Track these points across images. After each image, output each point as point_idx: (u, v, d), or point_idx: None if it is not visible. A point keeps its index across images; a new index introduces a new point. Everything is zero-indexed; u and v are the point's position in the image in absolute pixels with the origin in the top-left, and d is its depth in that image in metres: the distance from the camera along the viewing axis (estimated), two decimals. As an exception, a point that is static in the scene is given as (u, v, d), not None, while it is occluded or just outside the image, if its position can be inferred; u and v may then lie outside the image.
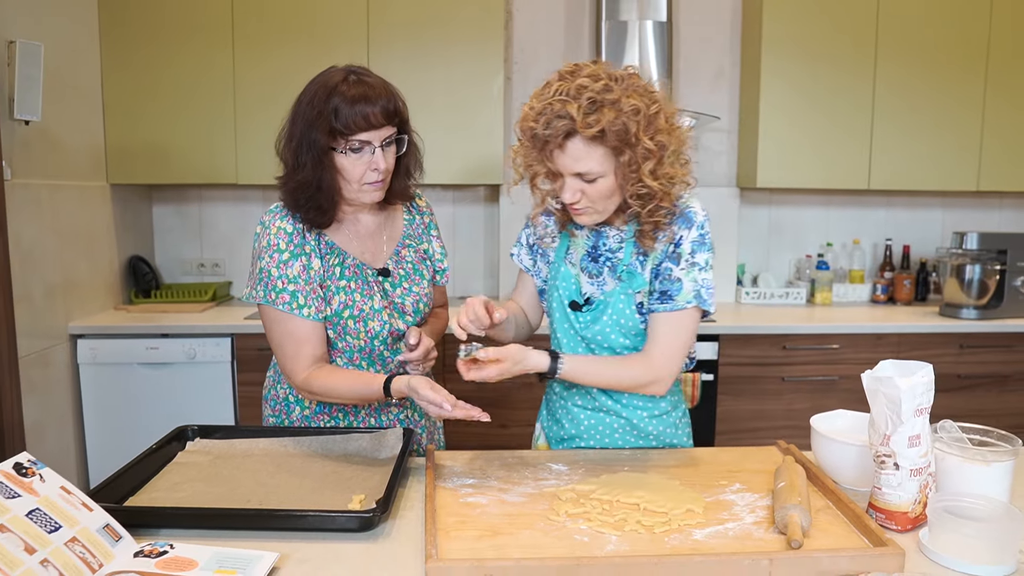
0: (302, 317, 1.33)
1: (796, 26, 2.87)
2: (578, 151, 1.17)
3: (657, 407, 1.38)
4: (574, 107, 1.13)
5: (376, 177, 1.31)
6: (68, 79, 2.58)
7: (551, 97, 1.15)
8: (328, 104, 1.26)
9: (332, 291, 1.36)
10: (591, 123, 1.13)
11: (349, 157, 1.29)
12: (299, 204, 1.32)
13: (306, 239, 1.35)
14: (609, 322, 1.31)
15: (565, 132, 1.15)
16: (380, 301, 1.39)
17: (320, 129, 1.27)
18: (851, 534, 1.03)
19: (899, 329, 2.76)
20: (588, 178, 1.20)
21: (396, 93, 1.32)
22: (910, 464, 1.04)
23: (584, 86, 1.14)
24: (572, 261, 1.36)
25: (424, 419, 1.49)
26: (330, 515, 1.04)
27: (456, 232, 3.21)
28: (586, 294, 1.34)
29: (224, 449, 1.33)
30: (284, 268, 1.33)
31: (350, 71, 1.31)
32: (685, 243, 1.27)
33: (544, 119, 1.15)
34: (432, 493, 1.11)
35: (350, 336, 1.38)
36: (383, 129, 1.29)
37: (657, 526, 1.03)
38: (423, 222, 1.50)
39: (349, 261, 1.39)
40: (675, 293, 1.26)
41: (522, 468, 1.25)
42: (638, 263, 1.30)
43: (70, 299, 2.60)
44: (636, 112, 1.15)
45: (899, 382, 1.03)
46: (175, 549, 0.93)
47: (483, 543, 0.99)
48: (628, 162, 1.18)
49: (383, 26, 2.78)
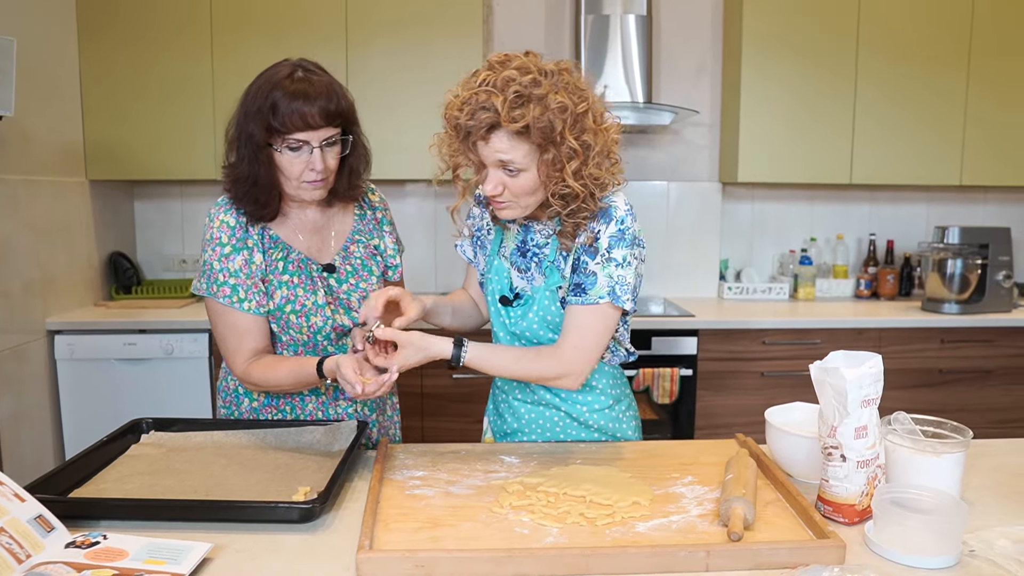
0: (243, 311, 1.33)
1: (777, 20, 2.85)
2: (502, 144, 1.14)
3: (598, 400, 1.37)
4: (499, 99, 1.10)
5: (314, 177, 1.29)
6: (45, 74, 2.57)
7: (477, 87, 1.13)
8: (268, 100, 1.24)
9: (274, 285, 1.35)
10: (516, 117, 1.11)
11: (286, 155, 1.28)
12: (239, 197, 1.32)
13: (249, 233, 1.35)
14: (535, 318, 1.30)
15: (489, 124, 1.12)
16: (324, 297, 1.37)
17: (258, 124, 1.25)
18: (797, 527, 1.02)
19: (880, 324, 2.75)
20: (510, 170, 1.17)
21: (340, 93, 1.29)
22: (857, 456, 1.03)
23: (511, 79, 1.11)
24: (504, 255, 1.35)
25: (375, 413, 1.48)
26: (269, 506, 1.03)
27: (438, 229, 3.20)
28: (516, 288, 1.33)
29: (178, 442, 1.33)
30: (225, 262, 1.33)
31: (299, 66, 1.29)
32: (603, 238, 1.23)
33: (468, 109, 1.12)
34: (377, 485, 1.10)
35: (293, 330, 1.37)
36: (322, 130, 1.26)
37: (600, 519, 1.02)
38: (375, 217, 1.48)
39: (293, 256, 1.37)
40: (588, 287, 1.23)
41: (474, 461, 1.24)
42: (561, 259, 1.28)
43: (48, 295, 2.59)
44: (563, 109, 1.12)
45: (845, 372, 1.02)
46: (108, 540, 0.93)
47: (421, 535, 0.98)
48: (552, 160, 1.15)
49: (362, 23, 2.77)
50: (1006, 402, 2.83)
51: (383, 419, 1.51)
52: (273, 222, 1.37)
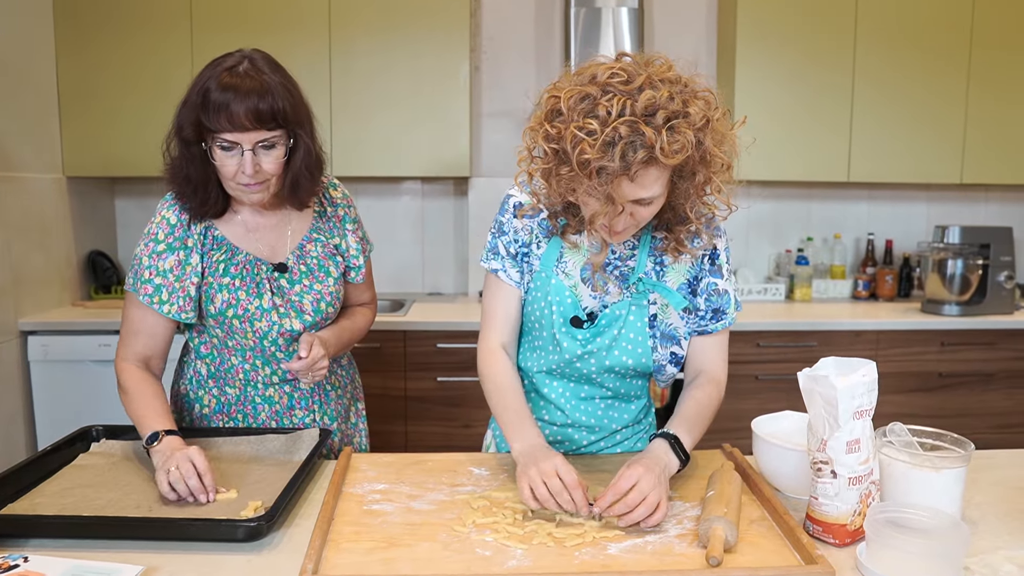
0: (162, 313, 1.25)
1: (772, 13, 2.77)
2: (650, 179, 0.99)
3: (633, 417, 1.29)
4: (651, 132, 0.94)
5: (247, 180, 1.20)
6: (20, 69, 2.49)
7: (615, 120, 0.94)
8: (200, 93, 1.15)
9: (215, 288, 1.27)
10: (676, 150, 0.95)
11: (218, 154, 1.18)
12: (182, 193, 1.24)
13: (189, 232, 1.27)
14: (618, 337, 1.16)
15: (643, 162, 0.96)
16: (270, 300, 1.28)
17: (189, 119, 1.17)
18: (783, 549, 0.94)
19: (878, 326, 2.67)
20: (646, 202, 1.03)
21: (278, 93, 1.17)
22: (848, 472, 0.95)
23: (656, 103, 0.95)
24: (566, 271, 1.18)
25: (335, 423, 1.40)
26: (213, 523, 0.95)
27: (425, 226, 3.12)
28: (587, 308, 1.19)
29: (128, 451, 1.25)
30: (156, 259, 1.25)
31: (246, 58, 1.19)
32: (721, 253, 1.19)
33: (617, 150, 0.94)
34: (331, 500, 1.03)
35: (238, 335, 1.29)
36: (253, 132, 1.16)
37: (569, 539, 0.94)
38: (336, 215, 1.38)
39: (239, 257, 1.29)
40: (727, 307, 1.21)
41: (440, 473, 1.17)
42: (654, 273, 1.19)
43: (21, 295, 2.52)
44: (707, 123, 0.99)
45: (835, 381, 0.94)
46: (29, 563, 0.85)
47: (374, 556, 0.90)
48: (702, 181, 1.03)
49: (345, 16, 2.69)
50: (1007, 406, 2.75)
51: (346, 427, 1.43)
52: (220, 220, 1.29)
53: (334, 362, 1.42)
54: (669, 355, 1.22)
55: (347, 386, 1.46)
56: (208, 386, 1.35)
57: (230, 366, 1.33)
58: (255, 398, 1.34)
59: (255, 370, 1.32)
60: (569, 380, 1.24)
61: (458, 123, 2.77)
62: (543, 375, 1.24)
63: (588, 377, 1.22)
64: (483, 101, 3.03)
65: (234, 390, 1.34)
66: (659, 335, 1.20)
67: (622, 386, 1.25)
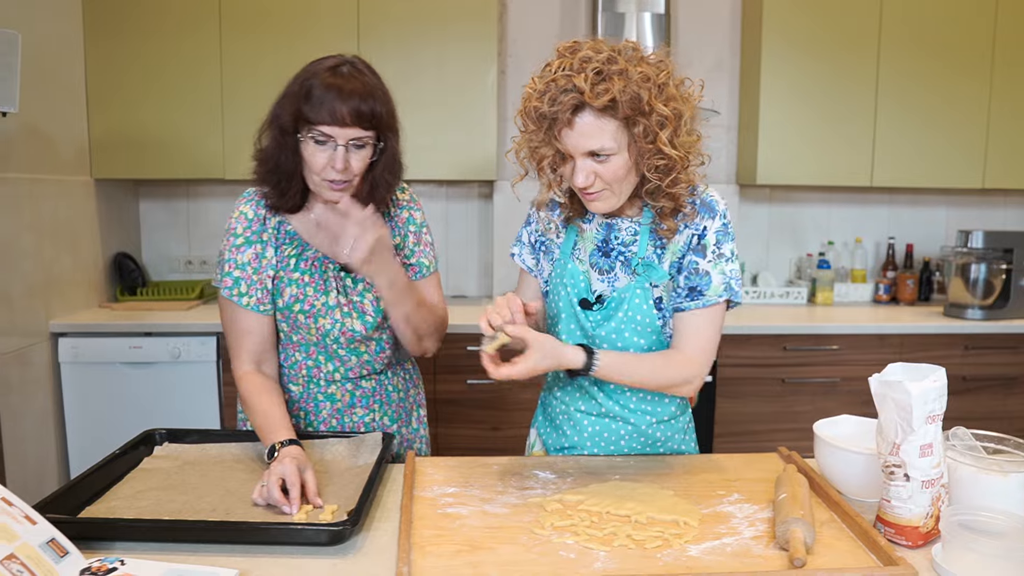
0: (241, 306, 1.29)
1: (797, 19, 2.79)
2: (588, 126, 1.09)
3: (667, 411, 1.30)
4: (580, 78, 1.06)
5: (335, 176, 1.23)
6: (50, 70, 2.51)
7: (554, 74, 1.09)
8: (303, 86, 1.21)
9: (284, 282, 1.31)
10: (600, 92, 1.06)
11: (310, 146, 1.22)
12: (261, 180, 1.28)
13: (265, 226, 1.30)
14: (625, 319, 1.22)
15: (573, 106, 1.08)
16: (335, 298, 1.31)
17: (288, 109, 1.22)
18: (858, 550, 0.96)
19: (902, 330, 2.69)
20: (601, 156, 1.12)
21: (378, 96, 1.23)
22: (921, 475, 0.97)
23: (588, 58, 1.07)
24: (580, 257, 1.27)
25: (395, 424, 1.42)
26: (297, 528, 0.96)
27: (449, 229, 3.14)
28: (596, 291, 1.26)
29: (193, 455, 1.26)
30: (235, 253, 1.29)
31: (344, 62, 1.25)
32: (710, 234, 1.19)
33: (549, 96, 1.08)
34: (409, 504, 1.04)
35: (302, 331, 1.32)
36: (349, 128, 1.20)
37: (649, 541, 0.96)
38: (399, 216, 1.41)
39: (309, 253, 1.32)
40: (705, 288, 1.20)
41: (507, 476, 1.18)
42: (655, 256, 1.22)
43: (52, 297, 2.53)
44: (646, 79, 1.08)
45: (910, 387, 0.95)
46: (126, 566, 0.86)
47: (460, 559, 0.91)
48: (643, 132, 1.10)
49: (374, 18, 2.71)
50: (1031, 410, 2.77)
51: (407, 431, 1.45)
52: (294, 216, 1.32)
53: (397, 364, 1.44)
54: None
55: (409, 390, 1.48)
56: None
57: (293, 362, 1.35)
58: (317, 395, 1.36)
59: (318, 366, 1.35)
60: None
61: (485, 126, 2.78)
62: None
63: None
64: (509, 104, 3.04)
65: (297, 387, 1.36)
66: (669, 315, 1.24)
67: None
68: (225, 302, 1.31)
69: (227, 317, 1.32)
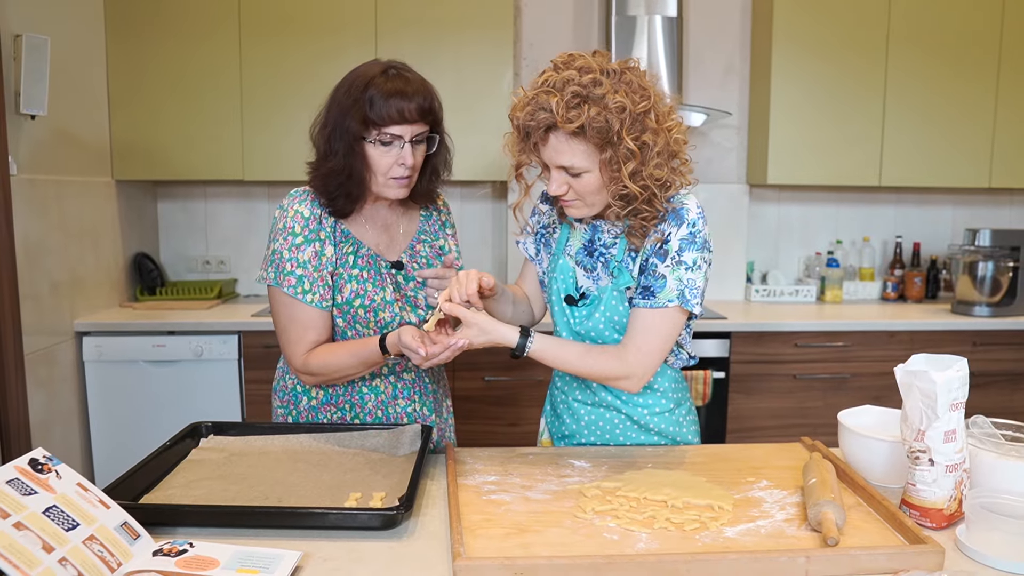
0: (306, 303, 1.32)
1: (807, 21, 2.85)
2: (560, 145, 1.14)
3: (659, 404, 1.35)
4: (556, 99, 1.10)
5: (402, 172, 1.30)
6: (74, 73, 2.55)
7: (538, 88, 1.13)
8: (364, 94, 1.26)
9: (344, 279, 1.35)
10: (571, 118, 1.10)
11: (378, 149, 1.28)
12: (330, 191, 1.32)
13: (322, 225, 1.34)
14: (602, 318, 1.28)
15: (546, 125, 1.13)
16: (392, 293, 1.37)
17: (354, 117, 1.26)
18: (886, 531, 1.01)
19: (911, 327, 2.74)
20: (573, 172, 1.17)
21: (433, 92, 1.31)
22: (945, 460, 1.02)
23: (570, 79, 1.11)
24: (570, 254, 1.34)
25: (433, 414, 1.47)
26: (352, 513, 1.01)
27: (463, 229, 3.18)
28: (582, 288, 1.32)
29: (239, 446, 1.31)
30: (296, 252, 1.32)
31: (390, 66, 1.30)
32: (673, 240, 1.21)
33: (528, 110, 1.13)
34: (454, 490, 1.09)
35: (360, 325, 1.36)
36: (415, 125, 1.28)
37: (687, 523, 1.00)
38: (439, 219, 1.49)
39: (363, 251, 1.37)
40: (657, 290, 1.21)
41: (544, 465, 1.23)
42: (630, 259, 1.27)
43: (76, 296, 2.58)
44: (621, 109, 1.11)
45: (935, 376, 1.00)
46: (195, 548, 0.91)
47: (510, 541, 0.96)
48: (609, 160, 1.14)
49: (391, 20, 2.76)
50: (1037, 405, 2.82)
51: (440, 421, 1.50)
52: (346, 218, 1.37)
53: None
54: None
55: (441, 381, 1.53)
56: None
57: None
58: (362, 388, 1.40)
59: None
60: None
61: (499, 128, 2.80)
62: None
63: None
64: (522, 107, 3.09)
65: None
66: None
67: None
68: (285, 298, 1.33)
69: (286, 314, 1.34)
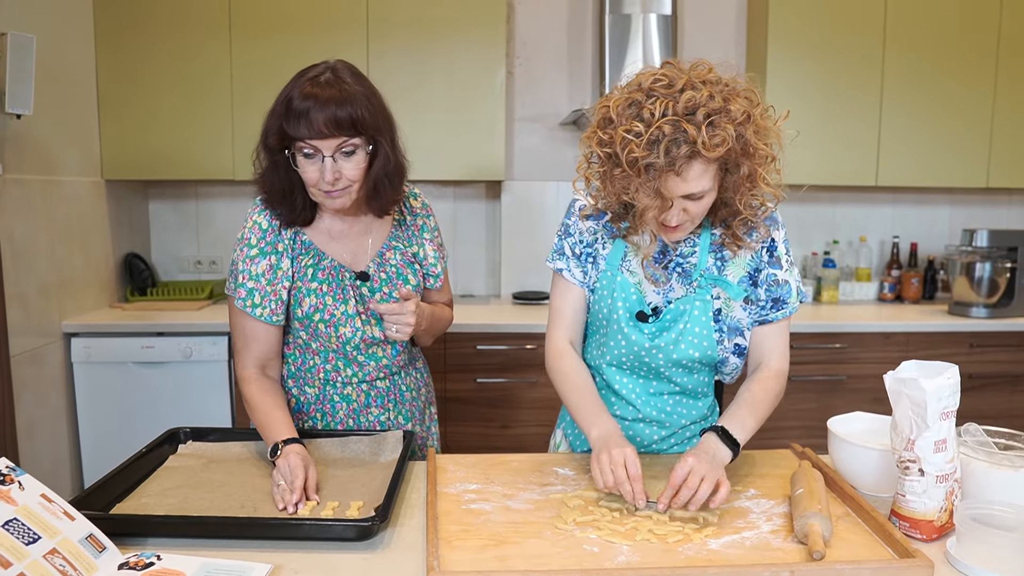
0: (254, 316, 1.30)
1: (803, 20, 2.81)
2: (696, 172, 1.06)
3: (700, 413, 1.33)
4: (692, 128, 1.01)
5: (328, 187, 1.22)
6: (61, 73, 2.53)
7: (659, 120, 1.02)
8: (283, 101, 1.20)
9: (303, 292, 1.31)
10: (717, 143, 1.02)
11: (301, 161, 1.22)
12: (272, 202, 1.28)
13: (280, 236, 1.31)
14: (684, 330, 1.22)
15: (687, 156, 1.03)
16: (354, 306, 1.32)
17: (273, 127, 1.21)
18: (874, 544, 0.98)
19: (907, 328, 2.71)
20: (695, 197, 1.09)
21: (358, 101, 1.20)
22: (936, 470, 0.99)
23: (696, 102, 1.02)
24: (630, 269, 1.25)
25: (409, 423, 1.44)
26: (326, 524, 0.99)
27: (456, 229, 3.16)
28: (651, 303, 1.25)
29: (217, 452, 1.29)
30: (249, 264, 1.30)
31: (326, 69, 1.23)
32: (780, 244, 1.24)
33: (661, 147, 1.02)
34: (433, 500, 1.06)
35: (322, 339, 1.33)
36: (330, 139, 1.19)
37: (670, 535, 0.98)
38: (415, 224, 1.42)
39: (325, 263, 1.33)
40: (787, 297, 1.25)
41: (527, 473, 1.20)
42: (715, 268, 1.23)
43: (64, 297, 2.55)
44: (748, 118, 1.06)
45: (924, 384, 0.98)
46: (162, 560, 0.89)
47: (487, 553, 0.94)
48: (748, 174, 1.09)
49: (383, 19, 2.73)
50: (1035, 407, 2.79)
51: (421, 428, 1.47)
52: (308, 227, 1.33)
53: (410, 364, 1.46)
54: (733, 347, 1.27)
55: (421, 388, 1.50)
56: (288, 386, 1.38)
57: (311, 366, 1.36)
58: (333, 396, 1.37)
59: (336, 371, 1.36)
60: (638, 376, 1.28)
61: (493, 128, 2.80)
62: (613, 370, 1.29)
63: (656, 372, 1.27)
64: (516, 106, 3.07)
65: (313, 389, 1.38)
66: (725, 328, 1.25)
67: (689, 381, 1.29)
68: (234, 308, 1.32)
69: (236, 323, 1.33)
